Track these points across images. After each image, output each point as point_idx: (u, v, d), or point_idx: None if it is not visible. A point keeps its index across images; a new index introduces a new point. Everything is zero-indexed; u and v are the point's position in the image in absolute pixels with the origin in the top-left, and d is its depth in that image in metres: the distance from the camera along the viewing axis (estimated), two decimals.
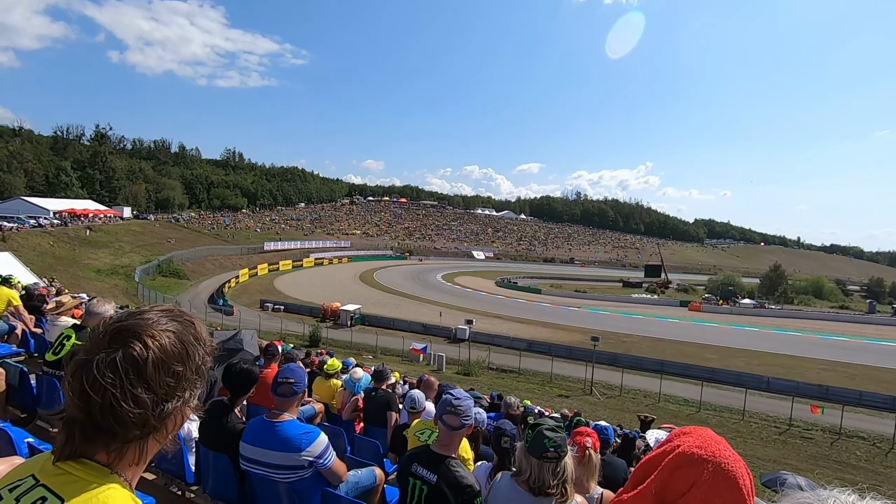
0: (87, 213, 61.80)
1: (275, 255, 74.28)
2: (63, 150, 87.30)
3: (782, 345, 37.71)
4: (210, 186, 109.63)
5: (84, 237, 51.36)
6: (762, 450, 18.78)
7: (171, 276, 52.35)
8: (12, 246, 37.34)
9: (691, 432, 1.25)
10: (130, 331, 0.84)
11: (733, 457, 1.17)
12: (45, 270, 32.88)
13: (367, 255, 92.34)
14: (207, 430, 3.02)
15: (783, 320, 51.92)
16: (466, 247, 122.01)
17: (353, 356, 23.07)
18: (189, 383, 0.90)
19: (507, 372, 28.41)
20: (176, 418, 0.89)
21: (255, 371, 3.14)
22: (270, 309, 42.24)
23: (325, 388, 6.30)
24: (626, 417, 19.68)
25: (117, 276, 44.82)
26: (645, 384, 26.20)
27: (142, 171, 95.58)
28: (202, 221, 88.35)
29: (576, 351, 31.21)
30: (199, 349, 0.92)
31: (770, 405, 23.72)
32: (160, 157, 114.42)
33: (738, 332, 43.42)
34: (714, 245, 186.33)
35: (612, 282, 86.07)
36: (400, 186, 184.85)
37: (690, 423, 21.06)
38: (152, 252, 56.65)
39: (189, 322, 0.95)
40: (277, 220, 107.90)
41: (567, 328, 41.02)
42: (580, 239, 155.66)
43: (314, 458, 2.58)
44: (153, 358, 0.83)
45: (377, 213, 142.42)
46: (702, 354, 33.21)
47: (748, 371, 28.35)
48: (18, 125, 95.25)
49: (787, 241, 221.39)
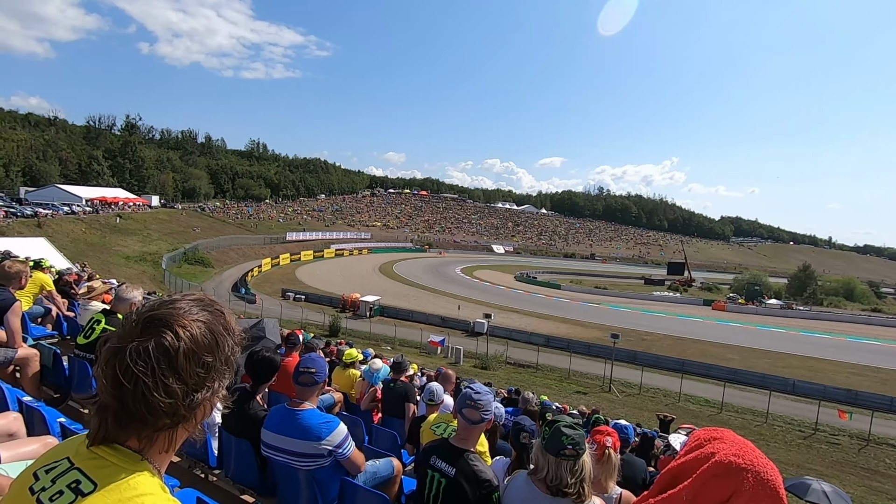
0: (117, 201, 63.61)
1: (297, 245, 75.36)
2: (95, 139, 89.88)
3: (809, 347, 36.65)
4: (235, 177, 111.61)
5: (114, 224, 52.91)
6: (786, 454, 18.36)
7: (196, 264, 53.61)
8: (47, 232, 38.68)
9: (723, 437, 1.22)
10: (163, 320, 0.85)
11: (769, 465, 1.15)
12: (78, 256, 33.98)
13: (386, 246, 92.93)
14: (230, 416, 3.09)
15: (811, 322, 50.41)
16: (486, 240, 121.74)
17: (371, 347, 23.30)
18: (218, 374, 0.91)
19: (524, 367, 28.33)
20: (205, 408, 0.90)
21: (276, 359, 3.18)
22: (292, 298, 42.93)
23: (344, 377, 6.36)
24: (644, 416, 19.45)
25: (145, 263, 46.09)
26: (665, 383, 25.82)
27: (169, 160, 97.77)
28: (227, 211, 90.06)
29: (595, 348, 30.93)
30: (228, 339, 0.93)
31: (795, 408, 23.13)
32: (187, 147, 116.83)
33: (763, 333, 42.35)
34: (740, 243, 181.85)
35: (633, 279, 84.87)
36: (421, 179, 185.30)
37: (711, 423, 20.65)
38: (179, 240, 58.06)
39: (219, 312, 0.96)
40: (299, 211, 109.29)
41: (586, 324, 40.64)
42: (602, 235, 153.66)
43: (333, 448, 2.60)
44: (184, 348, 0.84)
45: (398, 205, 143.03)
46: (724, 355, 32.53)
47: (772, 373, 27.65)
48: (53, 115, 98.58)
49: (818, 240, 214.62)
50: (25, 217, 42.77)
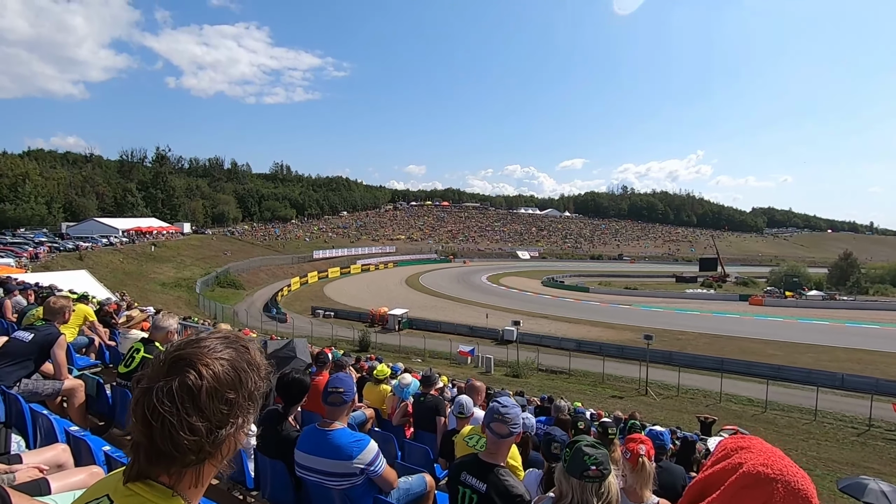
0: (151, 230, 66.00)
1: (323, 262, 76.58)
2: (129, 172, 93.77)
3: (856, 339, 34.93)
4: (261, 199, 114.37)
5: (149, 253, 54.88)
6: (838, 452, 17.48)
7: (228, 287, 55.02)
8: (88, 264, 40.39)
9: (750, 447, 1.19)
10: (187, 359, 0.89)
11: (800, 473, 1.12)
12: (117, 285, 35.37)
13: (411, 259, 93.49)
14: (264, 438, 3.16)
15: (857, 312, 48.12)
16: (510, 247, 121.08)
17: (401, 360, 23.38)
18: (242, 410, 0.92)
19: (556, 373, 27.90)
20: (230, 444, 0.92)
21: (306, 380, 3.25)
22: (321, 315, 43.52)
23: (375, 393, 6.42)
24: (684, 419, 18.87)
25: (180, 289, 47.57)
26: (703, 383, 24.99)
27: (198, 188, 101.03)
28: (255, 233, 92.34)
29: (628, 350, 30.25)
30: (251, 375, 0.95)
31: (845, 404, 22.04)
32: (215, 174, 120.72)
33: (806, 327, 40.65)
34: (775, 234, 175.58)
35: (664, 277, 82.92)
36: (442, 190, 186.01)
37: (756, 423, 19.90)
38: (211, 264, 59.76)
39: (244, 348, 0.98)
40: (325, 229, 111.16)
41: (618, 327, 39.85)
42: (628, 234, 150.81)
43: (365, 466, 2.63)
44: (207, 386, 0.87)
45: (420, 217, 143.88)
46: (765, 351, 31.34)
47: (818, 368, 26.47)
48: (90, 152, 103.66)
49: (858, 226, 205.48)
50: (68, 251, 44.73)
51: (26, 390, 3.57)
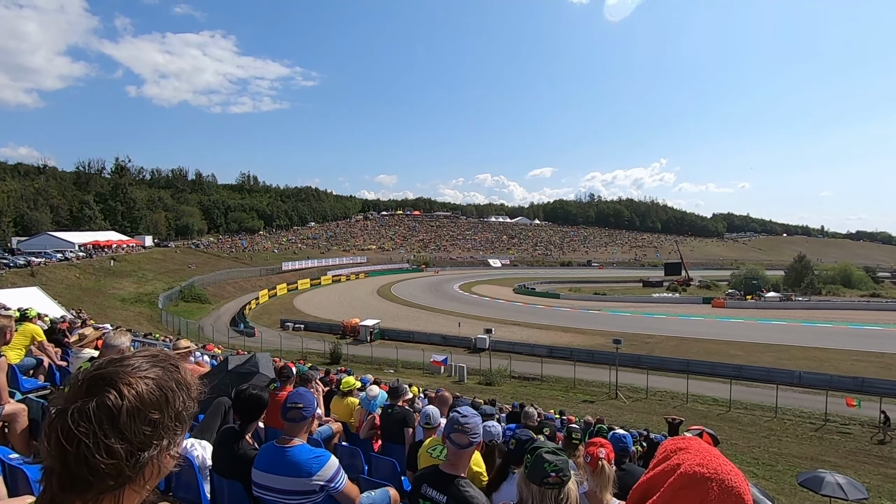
0: (110, 244, 63.38)
1: (293, 274, 75.14)
2: (86, 184, 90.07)
3: (812, 337, 36.62)
4: (227, 211, 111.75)
5: (108, 267, 52.71)
6: (798, 447, 18.19)
7: (193, 301, 53.29)
8: (41, 280, 38.49)
9: (688, 447, 1.22)
10: (107, 378, 0.83)
11: (734, 471, 1.15)
12: (73, 302, 33.78)
13: (383, 269, 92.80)
14: (220, 458, 3.05)
15: (811, 312, 50.48)
16: (482, 255, 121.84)
17: (374, 371, 23.12)
18: (168, 431, 0.87)
19: (529, 379, 28.11)
20: (153, 467, 0.86)
21: (263, 396, 3.16)
22: (291, 328, 42.61)
23: (342, 406, 6.30)
24: (653, 420, 19.26)
25: (142, 304, 45.80)
26: (671, 385, 25.64)
27: (161, 199, 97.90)
28: (221, 245, 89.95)
29: (598, 355, 30.76)
30: (179, 395, 0.90)
31: (803, 400, 23.00)
32: (178, 185, 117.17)
33: (765, 327, 42.35)
34: (734, 239, 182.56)
35: (631, 282, 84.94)
36: (413, 199, 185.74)
37: (721, 422, 20.51)
38: (174, 278, 57.80)
39: (173, 367, 0.93)
40: (294, 240, 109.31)
41: (588, 332, 40.51)
42: (596, 241, 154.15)
43: (325, 483, 2.57)
44: (128, 406, 0.81)
45: (391, 226, 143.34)
46: (728, 351, 32.44)
47: (778, 366, 27.61)
48: (43, 163, 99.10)
49: (811, 230, 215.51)
50: (18, 267, 42.59)
51: None
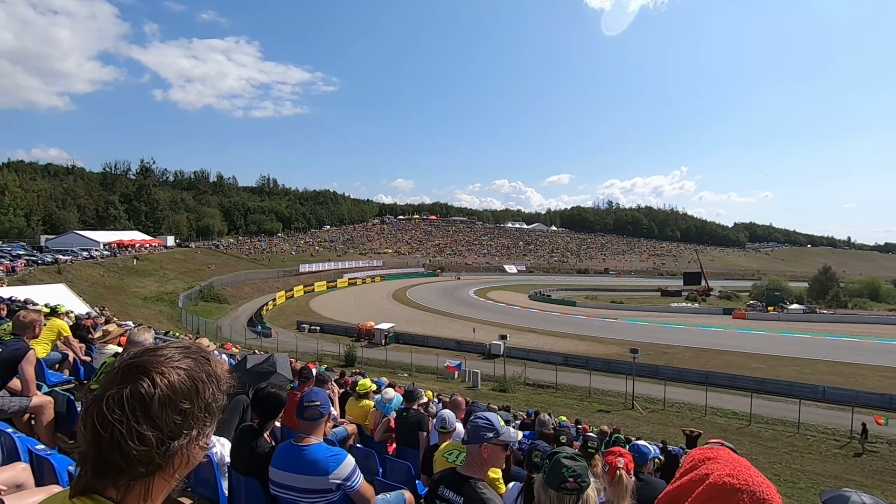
0: (133, 243, 64.89)
1: (310, 276, 75.87)
2: (111, 185, 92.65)
3: (837, 351, 35.55)
4: (247, 213, 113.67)
5: (131, 266, 53.90)
6: (822, 465, 17.64)
7: (212, 301, 54.14)
8: (67, 277, 39.53)
9: (717, 457, 1.19)
10: (141, 367, 0.85)
11: (766, 483, 1.12)
12: (97, 300, 34.58)
13: (399, 273, 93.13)
14: (238, 455, 3.08)
15: (836, 325, 49.03)
16: (498, 261, 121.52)
17: (388, 375, 23.13)
18: (197, 421, 0.88)
19: (543, 387, 27.84)
20: (183, 457, 0.87)
21: (281, 395, 3.19)
22: (307, 330, 42.99)
23: (357, 408, 6.31)
24: (670, 432, 18.89)
25: (162, 303, 46.68)
26: (689, 397, 25.16)
27: (183, 201, 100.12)
28: (240, 247, 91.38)
29: (615, 364, 30.35)
30: (209, 387, 0.91)
31: (827, 416, 22.33)
32: (200, 187, 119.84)
33: (788, 340, 41.27)
34: (756, 249, 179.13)
35: (649, 291, 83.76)
36: (429, 204, 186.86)
37: (741, 436, 20.02)
38: (194, 278, 58.83)
39: (204, 359, 0.94)
40: (311, 243, 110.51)
41: (604, 341, 40.00)
42: (614, 248, 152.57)
43: (341, 481, 2.58)
44: (160, 395, 0.83)
45: (407, 231, 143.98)
46: (749, 364, 31.68)
47: (801, 380, 26.84)
48: (72, 164, 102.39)
49: (836, 241, 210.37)
50: (46, 264, 43.76)
51: None
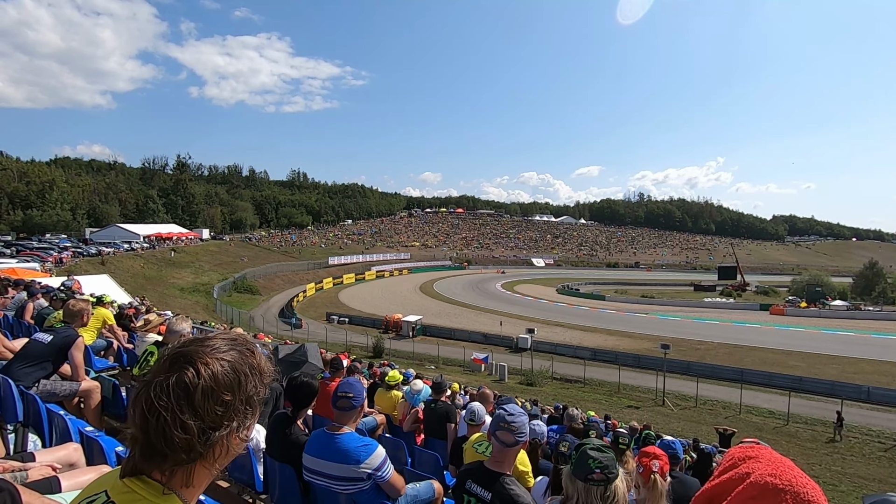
0: (171, 236, 67.38)
1: (338, 269, 77.10)
2: (150, 179, 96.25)
3: (883, 350, 33.84)
4: (278, 206, 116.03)
5: (169, 258, 55.96)
6: (865, 468, 16.91)
7: (245, 293, 55.75)
8: (110, 269, 41.32)
9: (759, 456, 1.16)
10: (188, 356, 0.88)
11: (810, 484, 1.07)
12: (138, 290, 36.03)
13: (426, 265, 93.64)
14: (272, 442, 3.17)
15: (883, 323, 46.67)
16: (525, 254, 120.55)
17: (415, 367, 23.36)
18: (238, 413, 0.90)
19: (571, 382, 27.59)
20: (223, 447, 0.89)
21: (314, 384, 3.26)
22: (336, 321, 43.78)
23: (386, 399, 6.41)
24: (702, 430, 18.48)
25: (198, 294, 48.34)
26: (723, 394, 24.47)
27: (217, 195, 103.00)
28: (272, 240, 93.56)
29: (645, 359, 29.80)
30: (252, 380, 0.93)
31: (872, 418, 21.37)
32: (233, 181, 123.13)
33: (829, 337, 39.57)
34: (797, 243, 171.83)
35: (681, 286, 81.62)
36: (457, 197, 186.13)
37: (778, 436, 19.39)
38: (228, 270, 60.67)
39: (249, 352, 0.96)
40: (340, 236, 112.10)
41: (634, 335, 39.27)
42: (645, 242, 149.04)
43: (372, 471, 2.62)
44: (203, 385, 0.85)
45: (435, 224, 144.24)
46: (786, 362, 30.55)
47: (842, 380, 25.70)
48: (113, 160, 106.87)
49: (884, 234, 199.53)
50: (91, 256, 45.83)
51: (44, 391, 3.65)
